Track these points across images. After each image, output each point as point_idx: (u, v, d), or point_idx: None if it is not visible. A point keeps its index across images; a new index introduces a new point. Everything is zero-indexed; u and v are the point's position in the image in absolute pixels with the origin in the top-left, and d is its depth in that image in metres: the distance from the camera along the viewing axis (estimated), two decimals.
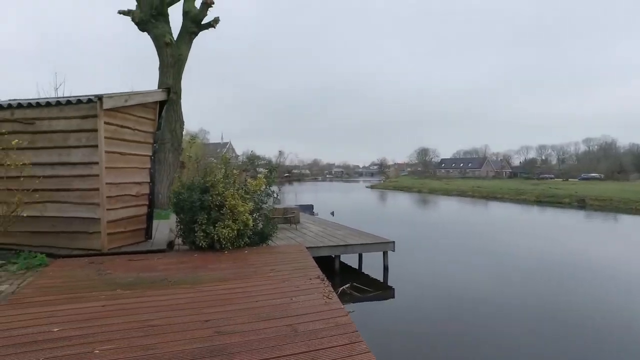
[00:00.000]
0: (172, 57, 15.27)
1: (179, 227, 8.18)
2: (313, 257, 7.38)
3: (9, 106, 7.84)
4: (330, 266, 8.83)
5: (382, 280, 9.29)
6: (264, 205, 8.68)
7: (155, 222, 9.56)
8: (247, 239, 7.99)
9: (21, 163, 7.27)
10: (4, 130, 7.62)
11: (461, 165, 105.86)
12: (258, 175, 8.80)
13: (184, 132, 17.04)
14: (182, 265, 6.55)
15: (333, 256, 9.21)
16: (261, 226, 8.45)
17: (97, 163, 7.26)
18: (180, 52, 15.48)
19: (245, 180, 8.69)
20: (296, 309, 4.39)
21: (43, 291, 5.13)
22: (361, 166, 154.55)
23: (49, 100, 7.62)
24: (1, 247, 7.57)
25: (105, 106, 7.19)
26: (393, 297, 8.57)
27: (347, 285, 7.87)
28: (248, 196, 8.17)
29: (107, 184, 7.36)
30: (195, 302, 4.62)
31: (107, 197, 7.38)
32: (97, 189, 7.28)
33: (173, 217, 8.90)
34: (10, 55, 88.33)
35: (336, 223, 13.19)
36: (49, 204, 7.55)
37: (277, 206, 9.77)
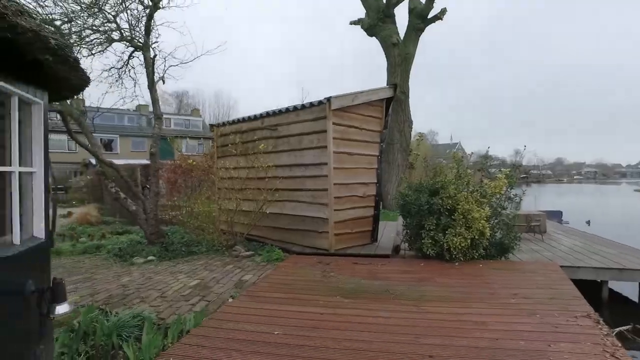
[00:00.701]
0: (399, 56, 15.11)
1: (405, 231, 7.61)
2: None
3: (260, 116, 8.89)
4: (593, 294, 6.68)
5: None
6: (503, 211, 7.24)
7: (381, 224, 9.31)
8: (482, 251, 6.76)
9: (267, 165, 8.06)
10: (255, 137, 8.66)
11: None
12: (497, 175, 7.41)
13: (412, 133, 16.68)
14: (406, 276, 5.90)
15: (599, 281, 7.00)
16: (500, 236, 7.05)
17: (326, 164, 7.39)
18: (407, 50, 15.17)
19: (481, 181, 7.44)
20: None
21: (274, 287, 5.30)
22: (624, 165, 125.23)
23: (288, 107, 8.24)
24: (252, 238, 8.61)
25: (333, 106, 7.24)
26: None
27: (627, 327, 5.72)
28: (485, 200, 6.92)
29: (335, 184, 7.41)
30: (417, 327, 3.84)
31: (335, 197, 7.43)
32: (326, 190, 7.40)
33: (401, 219, 8.44)
34: (273, 77, 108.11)
35: (598, 236, 10.33)
36: (286, 203, 8.15)
37: (518, 212, 8.09)
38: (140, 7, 9.25)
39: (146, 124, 38.65)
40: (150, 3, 8.97)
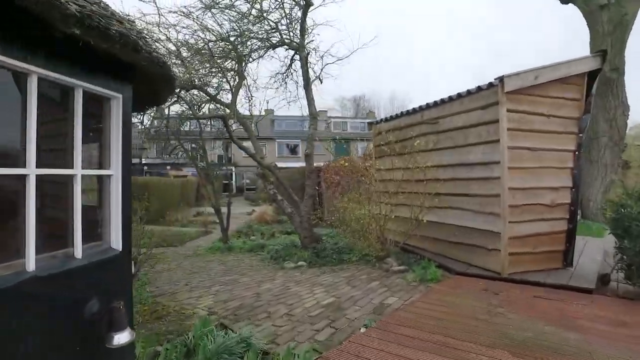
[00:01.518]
0: (609, 22, 11.65)
1: (618, 255, 5.39)
2: None
3: (420, 109, 7.80)
4: None
5: None
6: None
7: (580, 241, 7.06)
8: None
9: (424, 165, 6.89)
10: (413, 134, 7.56)
11: None
12: None
13: (628, 122, 12.82)
14: (622, 330, 3.94)
15: None
16: None
17: (497, 163, 5.81)
18: (623, 10, 11.52)
19: None
20: None
21: (419, 321, 4.13)
22: None
23: (451, 95, 6.89)
24: (408, 249, 7.52)
25: (507, 88, 5.63)
26: None
27: None
28: None
29: (510, 189, 5.75)
30: None
31: (510, 206, 5.76)
32: (498, 196, 5.81)
33: (610, 237, 6.13)
34: (448, 68, 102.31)
35: None
36: (449, 210, 6.79)
37: None
38: (296, 8, 9.19)
39: (324, 128, 40.77)
40: (303, 2, 8.77)
